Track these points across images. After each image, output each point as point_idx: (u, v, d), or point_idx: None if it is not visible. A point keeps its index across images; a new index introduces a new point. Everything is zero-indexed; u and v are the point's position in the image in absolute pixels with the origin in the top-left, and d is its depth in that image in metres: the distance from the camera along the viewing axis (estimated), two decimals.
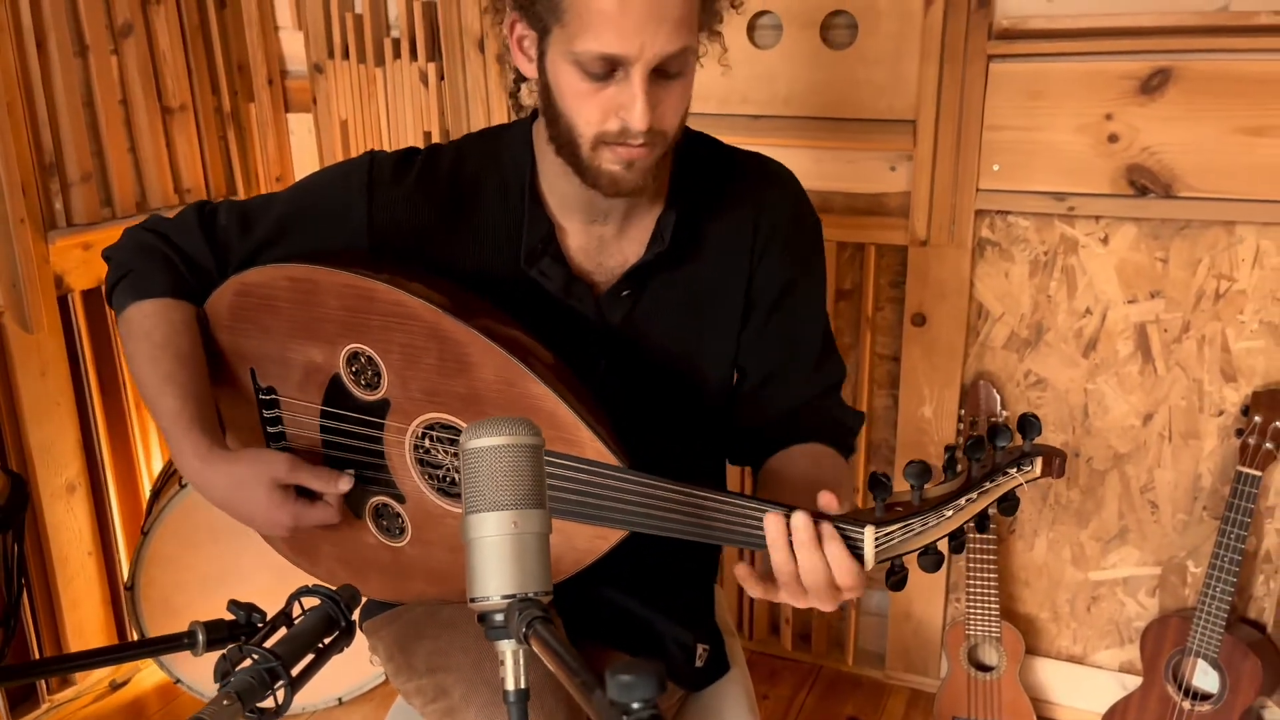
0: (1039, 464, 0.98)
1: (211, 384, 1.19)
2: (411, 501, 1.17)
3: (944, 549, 0.96)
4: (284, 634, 0.88)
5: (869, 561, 0.94)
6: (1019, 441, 0.99)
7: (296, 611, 0.91)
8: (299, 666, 0.85)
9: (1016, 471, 0.97)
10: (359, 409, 1.16)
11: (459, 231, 1.19)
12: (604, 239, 1.19)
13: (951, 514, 0.95)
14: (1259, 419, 1.80)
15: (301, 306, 1.16)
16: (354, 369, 1.15)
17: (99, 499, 2.23)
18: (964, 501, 0.95)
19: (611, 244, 1.20)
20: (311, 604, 0.91)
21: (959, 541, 0.97)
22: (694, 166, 1.21)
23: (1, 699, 2.08)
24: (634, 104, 1.02)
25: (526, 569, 0.75)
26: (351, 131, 2.36)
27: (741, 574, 0.99)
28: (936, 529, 0.95)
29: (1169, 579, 2.02)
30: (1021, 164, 1.89)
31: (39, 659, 2.12)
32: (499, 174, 1.20)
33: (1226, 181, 1.77)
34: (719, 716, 1.29)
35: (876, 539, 0.93)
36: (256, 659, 0.81)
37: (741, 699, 1.31)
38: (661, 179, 1.18)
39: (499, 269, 1.19)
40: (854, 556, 0.94)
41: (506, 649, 0.74)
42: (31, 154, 2.01)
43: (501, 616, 0.74)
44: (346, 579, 1.21)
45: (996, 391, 2.01)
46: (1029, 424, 0.97)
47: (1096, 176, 1.85)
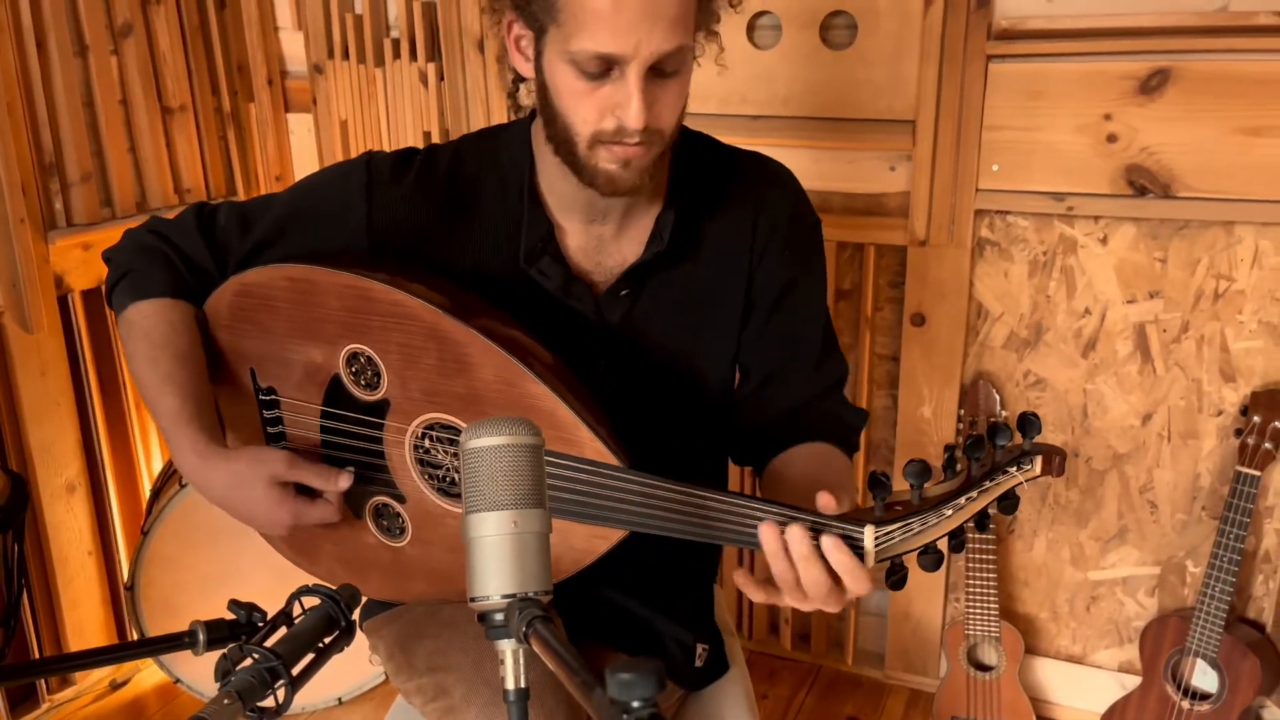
0: (1039, 463, 0.98)
1: (212, 384, 1.20)
2: (411, 501, 1.17)
3: (944, 548, 0.96)
4: (284, 633, 0.88)
5: (869, 560, 0.94)
6: (1019, 440, 0.99)
7: (297, 611, 0.91)
8: (299, 666, 0.85)
9: (1016, 470, 0.97)
10: (359, 409, 1.16)
11: (458, 231, 1.20)
12: (603, 238, 1.20)
13: (951, 513, 0.95)
14: (1258, 419, 1.80)
15: (301, 307, 1.16)
16: (354, 369, 1.15)
17: (99, 499, 2.23)
18: (964, 500, 0.95)
19: (610, 243, 1.20)
20: (312, 603, 0.91)
21: (959, 541, 0.97)
22: (693, 166, 1.21)
23: (1, 699, 2.08)
24: (629, 103, 1.02)
25: (526, 568, 0.75)
26: (351, 132, 2.37)
27: (741, 581, 0.98)
28: (936, 528, 0.95)
29: (1168, 579, 2.02)
30: (1021, 164, 1.89)
31: (39, 658, 2.12)
32: (498, 174, 1.20)
33: (1225, 181, 1.77)
34: (718, 716, 1.29)
35: (876, 538, 0.93)
36: (257, 658, 0.82)
37: (741, 699, 1.31)
38: (660, 178, 1.18)
39: (498, 269, 1.19)
40: (862, 564, 0.93)
41: (506, 648, 0.74)
42: (31, 154, 2.01)
43: (501, 616, 0.75)
44: (346, 579, 1.21)
45: (996, 391, 2.01)
46: (1029, 423, 0.97)
47: (1096, 176, 1.85)
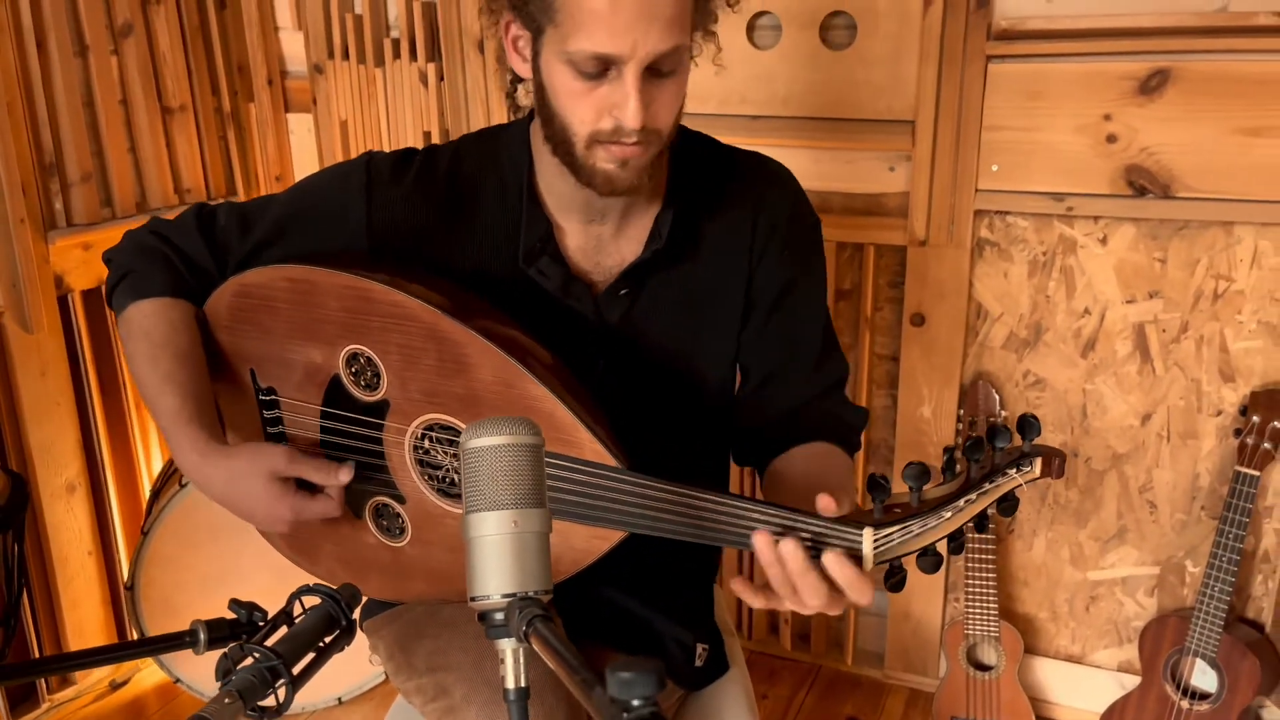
0: (1038, 464, 0.98)
1: (212, 384, 1.20)
2: (411, 502, 1.17)
3: (943, 550, 0.96)
4: (285, 633, 0.89)
5: (867, 563, 0.94)
6: (1018, 442, 0.98)
7: (297, 610, 0.91)
8: (300, 665, 0.85)
9: (1016, 472, 0.97)
10: (359, 409, 1.16)
11: (457, 231, 1.20)
12: (602, 238, 1.20)
13: (950, 515, 0.95)
14: (1257, 419, 1.80)
15: (300, 307, 1.16)
16: (353, 369, 1.15)
17: (99, 499, 2.23)
18: (963, 503, 0.95)
19: (609, 243, 1.20)
20: (312, 603, 0.91)
21: (958, 543, 0.97)
22: (692, 166, 1.21)
23: (2, 698, 2.08)
24: (627, 102, 1.02)
25: (527, 568, 0.75)
26: (351, 132, 2.37)
27: (738, 588, 0.97)
28: (935, 530, 0.95)
29: (1167, 579, 2.02)
30: (1020, 164, 1.89)
31: (40, 658, 2.12)
32: (497, 174, 1.20)
33: (1225, 182, 1.77)
34: (718, 716, 1.29)
35: (875, 541, 0.93)
36: (258, 657, 0.82)
37: (741, 698, 1.31)
38: (659, 178, 1.18)
39: (497, 268, 1.19)
40: (865, 576, 0.93)
41: (507, 647, 0.74)
42: (31, 154, 2.01)
43: (502, 615, 0.75)
44: (346, 579, 1.21)
45: (995, 391, 2.01)
46: (1028, 425, 0.97)
47: (1095, 177, 1.85)
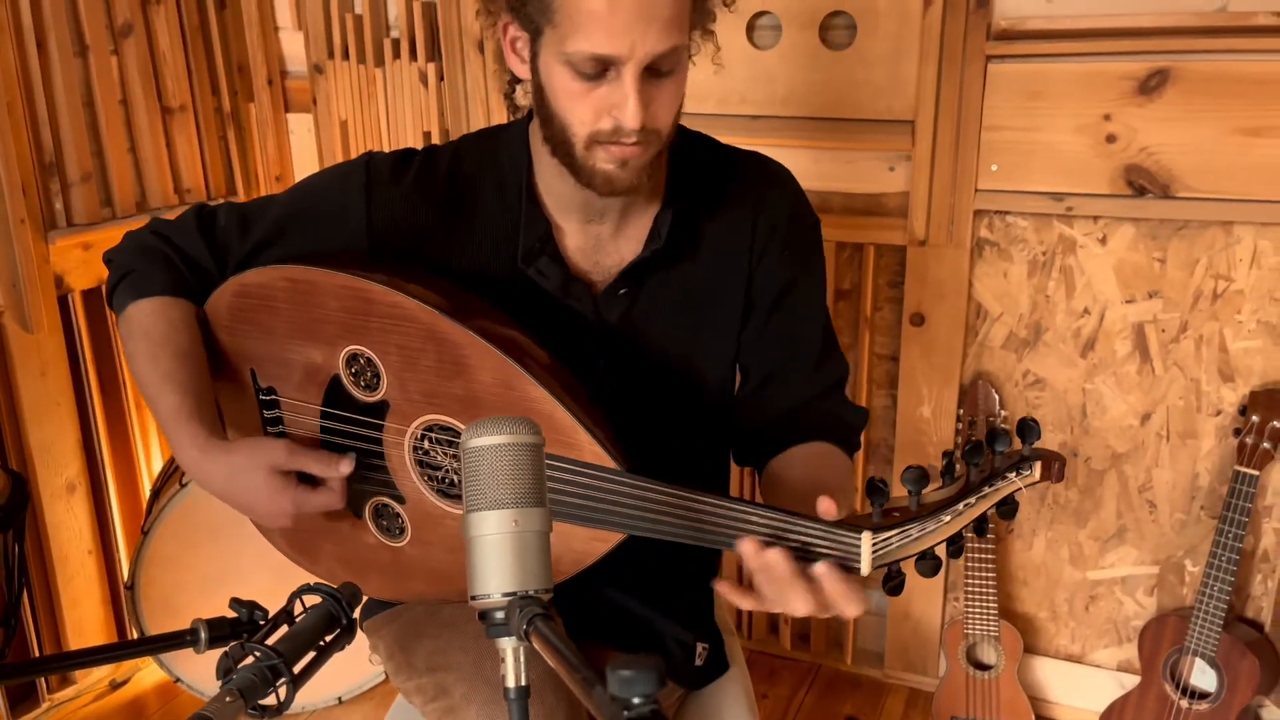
0: (1038, 468, 0.98)
1: (213, 383, 1.20)
2: (411, 502, 1.17)
3: (942, 554, 0.96)
4: (285, 631, 0.89)
5: (865, 568, 0.93)
6: (1018, 446, 0.98)
7: (298, 609, 0.91)
8: (301, 664, 0.85)
9: (1015, 476, 0.97)
10: (358, 410, 1.16)
11: (457, 231, 1.20)
12: (601, 238, 1.20)
13: (950, 519, 0.94)
14: (1256, 418, 1.80)
15: (300, 308, 1.16)
16: (353, 370, 1.15)
17: (99, 498, 2.23)
18: (962, 507, 0.95)
19: (609, 243, 1.20)
20: (313, 602, 0.92)
21: (957, 546, 0.96)
22: (691, 165, 1.21)
23: (2, 697, 2.08)
24: (626, 103, 1.02)
25: (527, 567, 0.76)
26: (351, 132, 2.37)
27: (724, 590, 0.97)
28: (934, 534, 0.94)
29: (1167, 578, 2.03)
30: (1020, 164, 1.90)
31: (41, 657, 2.13)
32: (496, 174, 1.21)
33: (1224, 182, 1.78)
34: (718, 715, 1.29)
35: (874, 545, 0.93)
36: (258, 656, 0.82)
37: (741, 698, 1.31)
38: (658, 177, 1.18)
39: (497, 269, 1.19)
40: (856, 588, 0.93)
41: (507, 646, 0.75)
42: (32, 154, 2.01)
43: (502, 614, 0.75)
44: (346, 578, 1.20)
45: (995, 391, 2.01)
46: (1028, 428, 0.97)
47: (1095, 177, 1.85)
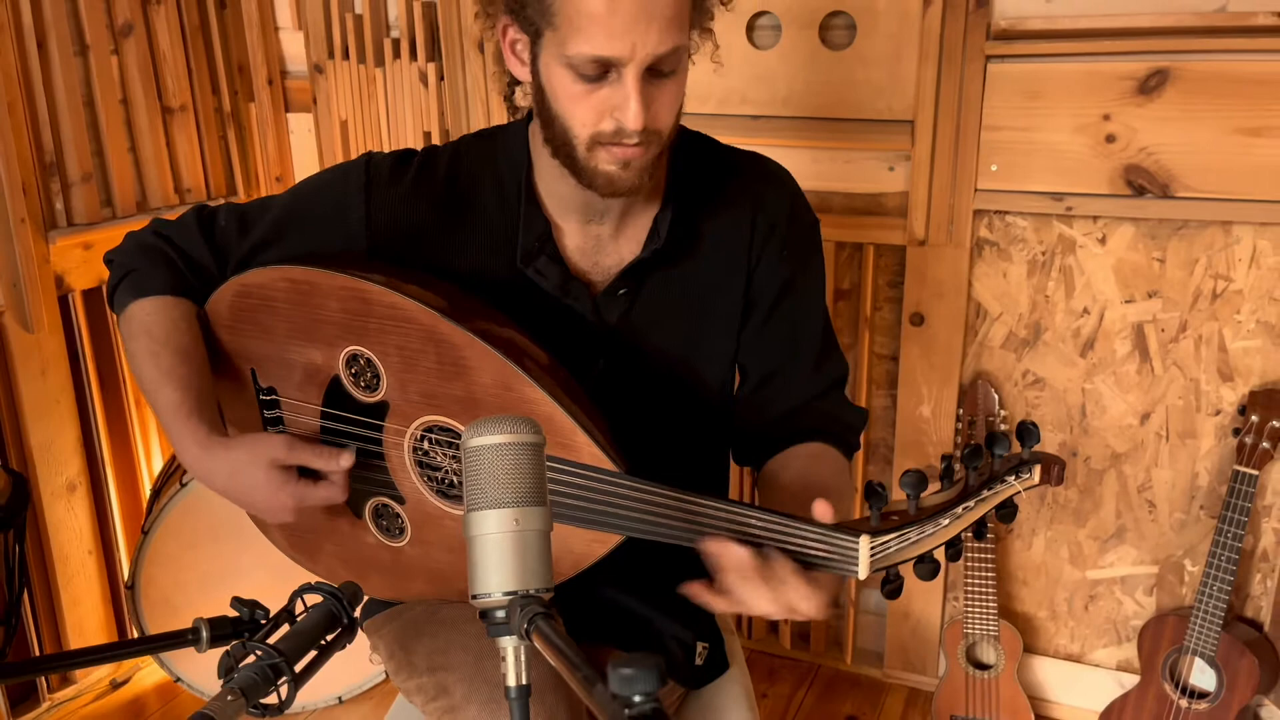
0: (1037, 472, 0.97)
1: (214, 381, 1.20)
2: (411, 502, 1.17)
3: (940, 557, 0.95)
4: (287, 630, 0.89)
5: (863, 572, 0.92)
6: (1017, 449, 0.98)
7: (299, 608, 0.92)
8: (302, 663, 0.85)
9: (1015, 479, 0.97)
10: (358, 410, 1.16)
11: (456, 231, 1.20)
12: (600, 238, 1.20)
13: (948, 522, 0.94)
14: (1256, 418, 1.80)
15: (300, 308, 1.16)
16: (353, 370, 1.15)
17: (99, 498, 2.24)
18: (961, 510, 0.94)
19: (608, 243, 1.20)
20: (314, 601, 0.92)
21: (956, 549, 0.96)
22: (691, 165, 1.21)
23: (2, 697, 2.09)
24: (628, 104, 1.02)
25: (528, 566, 0.76)
26: (351, 132, 2.37)
27: (694, 591, 0.97)
28: (933, 538, 0.94)
29: (1166, 578, 2.03)
30: (1019, 164, 1.90)
31: (42, 655, 2.13)
32: (495, 174, 1.21)
33: (1224, 182, 1.78)
34: (718, 714, 1.29)
35: (872, 549, 0.91)
36: (260, 655, 0.82)
37: (741, 697, 1.31)
38: (658, 177, 1.18)
39: (496, 269, 1.19)
40: (818, 587, 0.93)
41: (508, 645, 0.75)
42: (32, 154, 2.02)
43: (503, 613, 0.75)
44: (347, 578, 1.21)
45: (995, 391, 2.01)
46: (1027, 431, 0.96)
47: (1094, 177, 1.86)
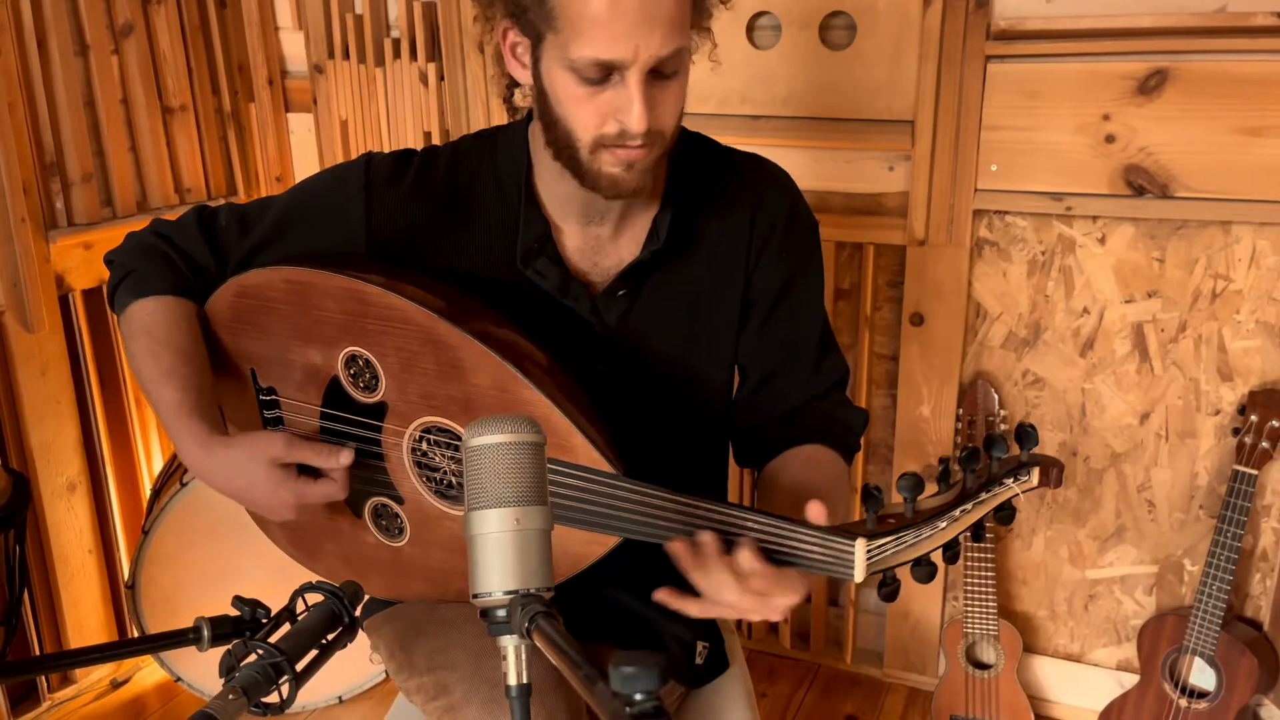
0: (1036, 474, 0.97)
1: (214, 380, 1.20)
2: (410, 503, 1.17)
3: (937, 560, 0.95)
4: (288, 630, 0.89)
5: (859, 575, 0.92)
6: (1016, 452, 0.97)
7: (300, 607, 0.92)
8: (303, 662, 0.85)
9: (1013, 482, 0.97)
10: (357, 411, 1.16)
11: (455, 232, 1.20)
12: (600, 239, 1.20)
13: (946, 525, 0.93)
14: (1255, 418, 1.81)
15: (299, 309, 1.16)
16: (352, 371, 1.16)
17: (99, 498, 2.24)
18: (958, 513, 0.94)
19: (608, 244, 1.20)
20: (315, 600, 0.92)
21: (953, 552, 0.95)
22: (690, 166, 1.21)
23: (3, 696, 2.09)
24: (631, 107, 1.02)
25: (529, 565, 0.76)
26: (352, 131, 2.37)
27: (664, 598, 0.98)
28: (930, 541, 0.93)
29: (1166, 577, 2.03)
30: (1019, 164, 1.90)
31: (43, 655, 2.13)
32: (495, 175, 1.21)
33: (1223, 182, 1.78)
34: (719, 713, 1.29)
35: (868, 552, 0.91)
36: (261, 654, 0.82)
37: (741, 696, 1.31)
38: (658, 179, 1.18)
39: (495, 269, 1.19)
40: (790, 582, 0.94)
41: (509, 644, 0.75)
42: (32, 154, 2.02)
43: (504, 612, 0.75)
44: (347, 577, 1.21)
45: (994, 391, 2.01)
46: (1026, 434, 0.96)
47: (1094, 177, 1.86)
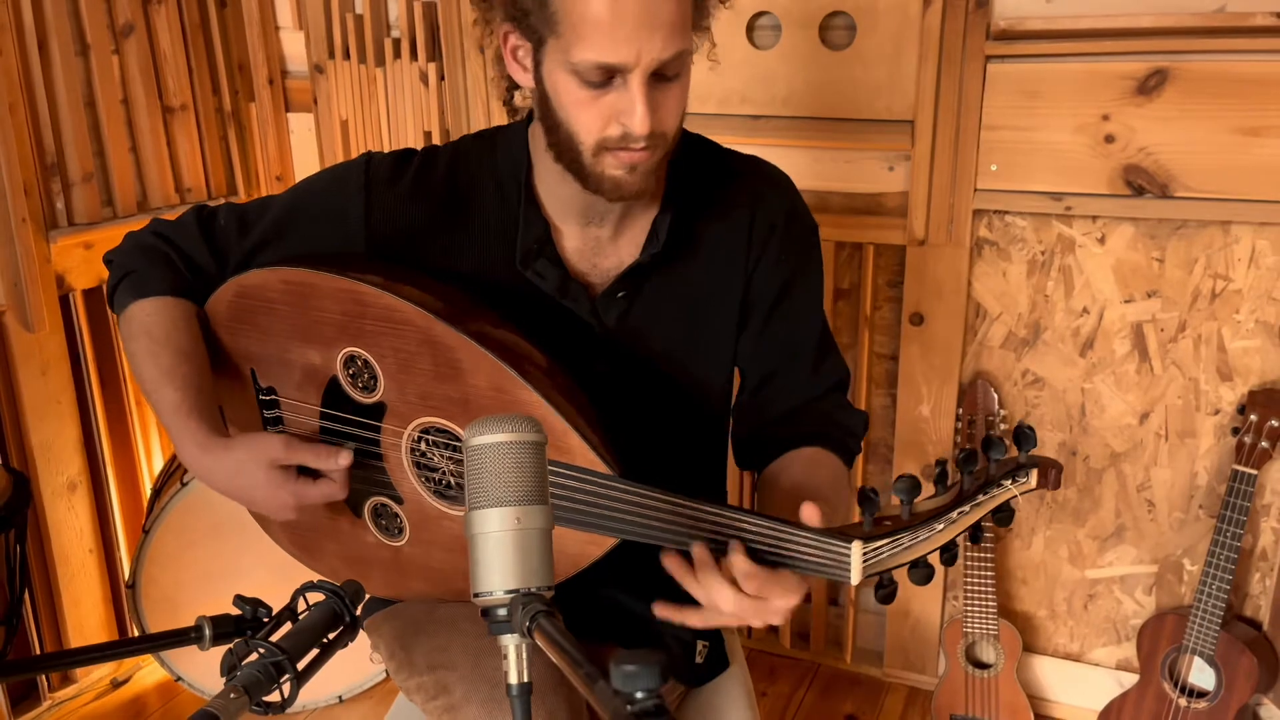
0: (1034, 476, 0.97)
1: (214, 380, 1.20)
2: (409, 503, 1.17)
3: (935, 562, 0.95)
4: (289, 628, 0.89)
5: (855, 577, 0.91)
6: (1014, 453, 0.97)
7: (301, 606, 0.92)
8: (304, 661, 0.85)
9: (1011, 483, 0.96)
10: (356, 411, 1.17)
11: (455, 232, 1.20)
12: (600, 241, 1.20)
13: (943, 527, 0.93)
14: (1255, 418, 1.81)
15: (298, 310, 1.16)
16: (351, 371, 1.16)
17: (100, 497, 2.24)
18: (956, 515, 0.93)
19: (607, 246, 1.20)
20: (316, 599, 0.92)
21: (951, 554, 0.95)
22: (689, 168, 1.21)
23: (3, 695, 2.09)
24: (634, 110, 1.02)
25: (529, 564, 0.76)
26: (352, 131, 2.37)
27: (663, 612, 0.99)
28: (927, 543, 0.93)
29: (1165, 577, 2.03)
30: (1019, 164, 1.90)
31: (43, 654, 2.13)
32: (495, 175, 1.21)
33: (1223, 182, 1.78)
34: (719, 712, 1.29)
35: (864, 554, 0.91)
36: (263, 653, 0.82)
37: (741, 695, 1.31)
38: (659, 181, 1.18)
39: (495, 270, 1.19)
40: (788, 585, 0.94)
41: (510, 643, 0.75)
42: (33, 154, 2.02)
43: (505, 611, 0.76)
44: (348, 576, 1.21)
45: (994, 391, 2.01)
46: (1024, 435, 0.96)
47: (1094, 177, 1.86)
